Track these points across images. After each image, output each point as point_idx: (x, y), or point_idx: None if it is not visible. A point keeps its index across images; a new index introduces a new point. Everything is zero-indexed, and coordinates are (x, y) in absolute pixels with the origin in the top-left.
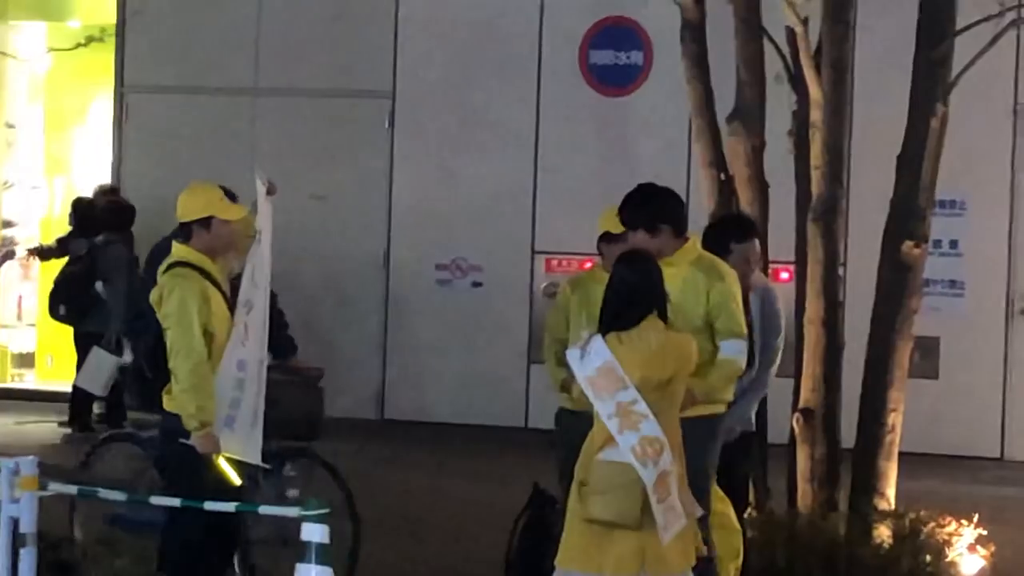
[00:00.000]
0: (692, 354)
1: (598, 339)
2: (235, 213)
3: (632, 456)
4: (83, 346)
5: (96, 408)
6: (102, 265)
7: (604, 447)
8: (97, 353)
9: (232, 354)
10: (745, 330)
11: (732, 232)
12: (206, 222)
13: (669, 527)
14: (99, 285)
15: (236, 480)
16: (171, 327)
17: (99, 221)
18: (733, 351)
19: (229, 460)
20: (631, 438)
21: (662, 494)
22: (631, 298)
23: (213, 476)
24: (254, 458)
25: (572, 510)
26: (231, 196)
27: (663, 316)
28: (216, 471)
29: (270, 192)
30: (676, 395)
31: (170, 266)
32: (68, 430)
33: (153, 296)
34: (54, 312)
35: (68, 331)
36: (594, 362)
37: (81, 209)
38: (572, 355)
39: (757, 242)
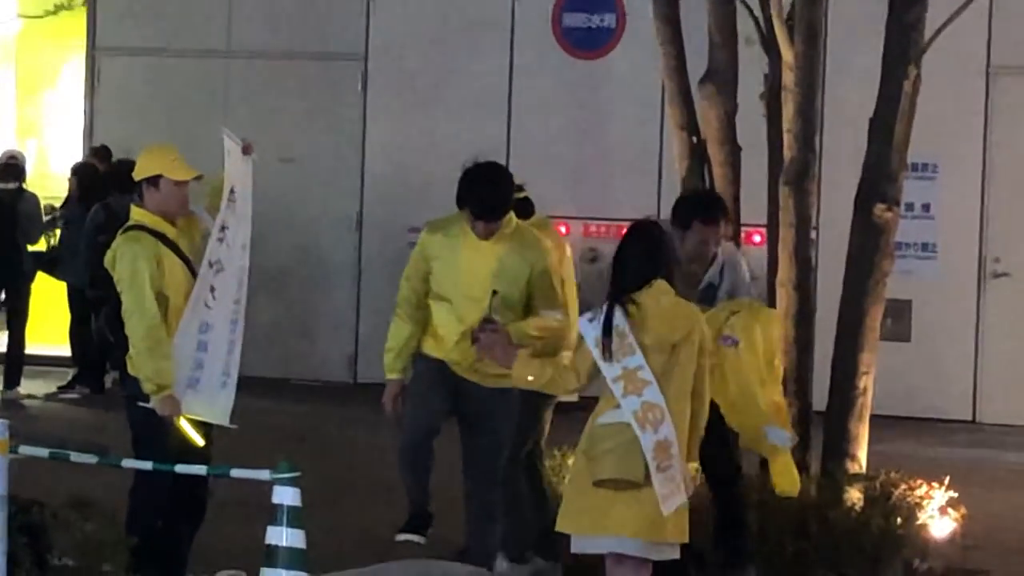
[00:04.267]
0: (701, 323)
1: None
2: (184, 174)
3: (633, 419)
4: None
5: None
6: None
7: (605, 411)
8: None
9: (193, 316)
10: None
11: (697, 210)
12: (155, 181)
13: (668, 499)
14: None
15: (200, 441)
16: (124, 291)
17: (114, 183)
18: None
19: (192, 422)
20: (634, 402)
21: (662, 461)
22: (642, 262)
23: (176, 439)
24: (221, 419)
25: (577, 474)
26: None
27: (671, 282)
28: (179, 433)
29: (246, 151)
30: (683, 364)
31: (125, 229)
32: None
33: (107, 259)
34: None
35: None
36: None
37: (85, 174)
38: (583, 319)
39: (722, 223)
